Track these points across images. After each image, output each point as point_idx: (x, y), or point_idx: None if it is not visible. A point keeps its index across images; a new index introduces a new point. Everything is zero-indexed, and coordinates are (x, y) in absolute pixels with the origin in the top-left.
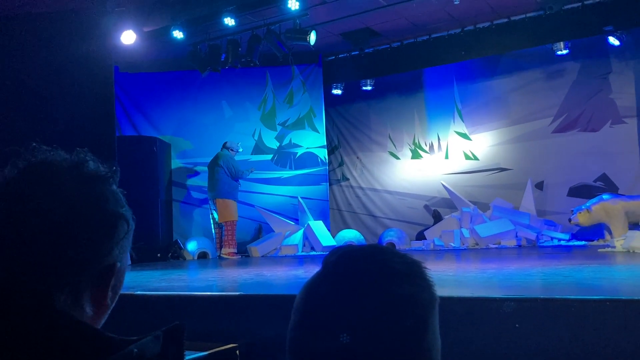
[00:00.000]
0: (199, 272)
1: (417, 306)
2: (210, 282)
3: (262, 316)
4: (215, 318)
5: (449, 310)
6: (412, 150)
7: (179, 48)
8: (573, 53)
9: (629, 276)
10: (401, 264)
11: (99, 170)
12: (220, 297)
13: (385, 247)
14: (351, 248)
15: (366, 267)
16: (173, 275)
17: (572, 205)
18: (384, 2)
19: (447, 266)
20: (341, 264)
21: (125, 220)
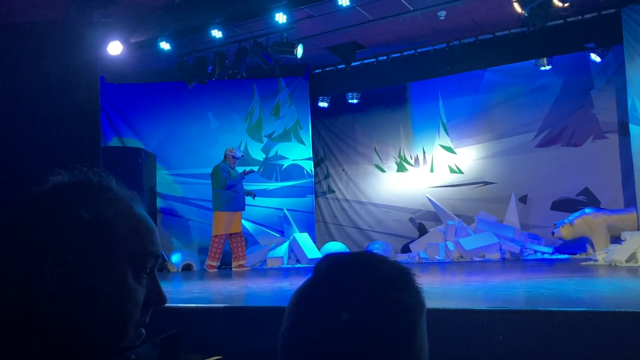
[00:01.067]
0: (183, 284)
1: (405, 311)
2: (194, 294)
3: (247, 328)
4: (200, 330)
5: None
6: (397, 163)
7: (166, 59)
8: (556, 69)
9: (611, 289)
10: (390, 270)
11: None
12: (205, 308)
13: (375, 254)
14: (342, 254)
15: (356, 273)
16: None
17: (555, 219)
18: (370, 17)
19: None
20: (332, 270)
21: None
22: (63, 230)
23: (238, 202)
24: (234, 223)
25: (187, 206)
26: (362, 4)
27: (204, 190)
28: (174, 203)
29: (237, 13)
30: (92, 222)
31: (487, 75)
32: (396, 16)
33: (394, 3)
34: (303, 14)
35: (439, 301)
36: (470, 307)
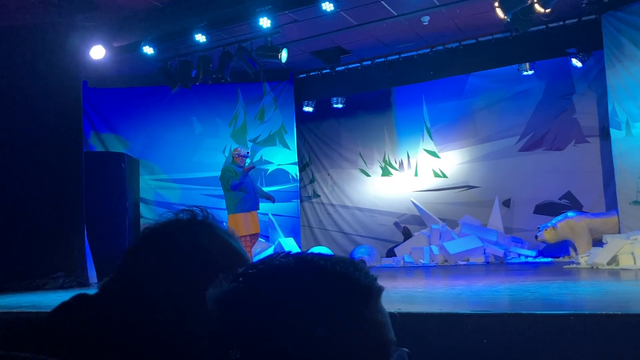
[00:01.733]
0: None
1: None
2: None
3: None
4: None
5: (418, 326)
6: (382, 167)
7: (149, 64)
8: (538, 74)
9: (593, 291)
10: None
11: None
12: None
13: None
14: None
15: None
16: None
17: (539, 222)
18: (355, 22)
19: (417, 283)
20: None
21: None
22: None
23: (250, 202)
24: (253, 223)
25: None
26: (346, 9)
27: (188, 195)
28: (157, 209)
29: (221, 17)
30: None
31: (470, 80)
32: (380, 21)
33: (378, 8)
34: (287, 18)
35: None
36: (454, 311)
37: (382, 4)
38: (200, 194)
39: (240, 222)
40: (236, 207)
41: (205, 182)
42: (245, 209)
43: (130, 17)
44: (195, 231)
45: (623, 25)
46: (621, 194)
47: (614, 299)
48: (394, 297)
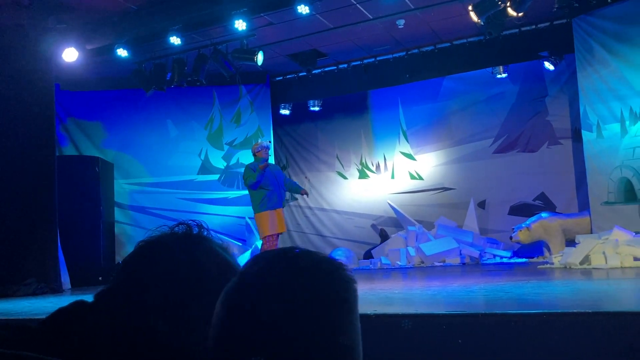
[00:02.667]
0: None
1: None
2: None
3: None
4: None
5: (394, 327)
6: (359, 170)
7: (124, 66)
8: (512, 77)
9: (565, 291)
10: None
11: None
12: None
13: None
14: (266, 252)
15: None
16: None
17: (513, 223)
18: (330, 25)
19: (394, 284)
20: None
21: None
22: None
23: (274, 200)
24: (279, 222)
25: (147, 216)
26: (322, 12)
27: (163, 200)
28: (132, 213)
29: (196, 20)
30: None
31: (445, 83)
32: (356, 24)
33: (354, 11)
34: (263, 21)
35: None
36: (429, 312)
37: (357, 8)
38: (176, 198)
39: (265, 221)
40: (260, 206)
41: (181, 185)
42: (269, 207)
43: (104, 19)
44: (191, 245)
45: (593, 29)
46: (593, 195)
47: (586, 297)
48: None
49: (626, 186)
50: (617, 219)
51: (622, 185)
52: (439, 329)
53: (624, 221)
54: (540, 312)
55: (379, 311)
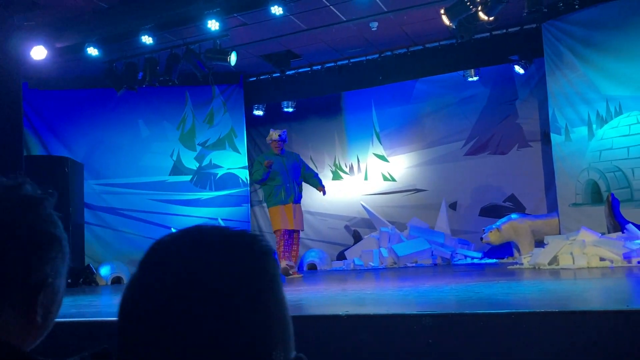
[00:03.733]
0: (113, 297)
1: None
2: None
3: None
4: None
5: (365, 327)
6: (333, 171)
7: (94, 65)
8: (483, 80)
9: (534, 290)
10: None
11: (35, 193)
12: None
13: (207, 224)
14: (167, 235)
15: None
16: (84, 301)
17: (484, 224)
18: (304, 26)
19: (366, 285)
20: (153, 249)
21: (57, 240)
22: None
23: (280, 195)
24: (289, 218)
25: (117, 217)
26: (296, 13)
27: (135, 201)
28: (102, 214)
29: (168, 19)
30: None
31: (417, 86)
32: (329, 26)
33: (327, 13)
34: (236, 21)
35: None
36: (401, 312)
37: (331, 9)
38: (148, 199)
39: (274, 216)
40: (269, 200)
41: (152, 186)
42: (277, 202)
43: (74, 17)
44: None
45: (562, 34)
46: (561, 197)
47: (554, 297)
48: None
49: (593, 188)
50: (584, 220)
51: (589, 187)
52: (410, 329)
53: (590, 222)
54: (509, 311)
55: (350, 312)
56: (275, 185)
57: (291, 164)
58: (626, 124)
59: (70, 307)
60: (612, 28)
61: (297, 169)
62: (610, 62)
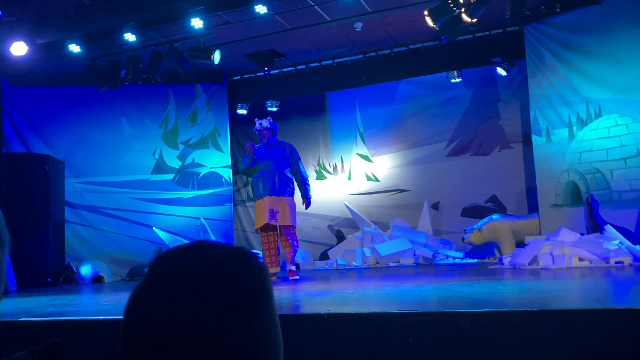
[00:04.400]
0: (93, 296)
1: (240, 295)
2: (104, 307)
3: None
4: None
5: (347, 326)
6: (316, 171)
7: (76, 62)
8: (466, 82)
9: (514, 290)
10: (220, 253)
11: None
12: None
13: (208, 241)
14: (174, 248)
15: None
16: (64, 300)
17: (466, 224)
18: (288, 26)
19: (349, 284)
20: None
21: None
22: None
23: (259, 187)
24: (262, 213)
25: (99, 215)
26: (280, 12)
27: (116, 199)
28: (83, 212)
29: (151, 17)
30: None
31: (401, 87)
32: (314, 26)
33: (312, 13)
34: (220, 20)
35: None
36: (382, 311)
37: (315, 9)
38: (129, 198)
39: (257, 211)
40: (253, 193)
41: (134, 185)
42: (256, 196)
43: (55, 14)
44: None
45: (543, 37)
46: (542, 198)
47: (533, 296)
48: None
49: (573, 189)
50: (564, 220)
51: (569, 188)
52: (391, 327)
53: (570, 223)
54: (489, 310)
55: (332, 310)
56: (254, 177)
57: (277, 154)
58: (605, 127)
59: (49, 306)
60: (592, 32)
61: (283, 159)
62: (590, 65)
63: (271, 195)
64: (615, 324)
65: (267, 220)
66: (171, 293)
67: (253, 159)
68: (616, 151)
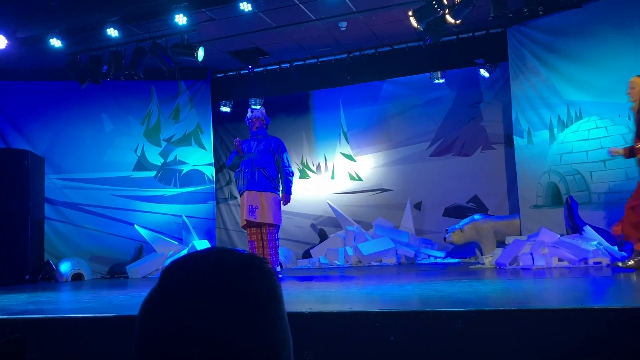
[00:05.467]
0: (73, 294)
1: (255, 300)
2: (84, 304)
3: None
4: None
5: (328, 325)
6: (300, 170)
7: (57, 57)
8: (449, 82)
9: (494, 289)
10: (233, 260)
11: None
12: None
13: (220, 247)
14: (186, 255)
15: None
16: (42, 297)
17: (447, 224)
18: (273, 24)
19: (331, 283)
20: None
21: None
22: None
23: (239, 182)
24: (244, 209)
25: (79, 212)
26: (265, 10)
27: (97, 196)
28: (63, 209)
29: (134, 12)
30: None
31: (385, 87)
32: (298, 24)
33: (297, 11)
34: (204, 16)
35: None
36: (364, 310)
37: (300, 7)
38: (111, 195)
39: (241, 208)
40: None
41: (115, 182)
42: (238, 191)
43: (37, 7)
44: None
45: (526, 39)
46: (523, 199)
47: (513, 296)
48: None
49: (553, 190)
50: (544, 221)
51: (550, 189)
52: (372, 326)
53: (550, 224)
54: (470, 309)
55: (314, 309)
56: (236, 172)
57: (262, 148)
58: (586, 129)
59: (27, 304)
60: (574, 35)
61: (267, 153)
62: (571, 68)
63: (250, 190)
64: (593, 323)
65: (246, 216)
66: (185, 300)
67: (238, 155)
68: (596, 153)
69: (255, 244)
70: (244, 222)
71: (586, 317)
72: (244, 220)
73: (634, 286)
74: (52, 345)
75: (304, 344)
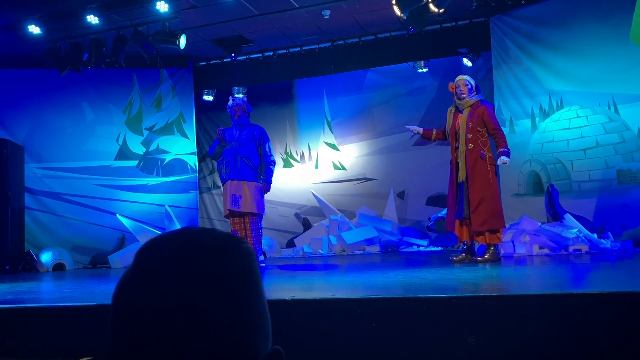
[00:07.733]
0: (54, 283)
1: (231, 281)
2: (65, 294)
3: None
4: (71, 330)
5: (311, 312)
6: (284, 159)
7: (36, 45)
8: (432, 72)
9: (475, 277)
10: (210, 239)
11: None
12: (76, 308)
13: (196, 227)
14: (162, 235)
15: (173, 249)
16: (23, 287)
17: (430, 213)
18: (256, 12)
19: (314, 272)
20: (147, 251)
21: None
22: None
23: (222, 171)
24: (227, 199)
25: (60, 202)
26: None
27: (78, 185)
28: (44, 199)
29: None
30: None
31: (369, 76)
32: (282, 12)
33: None
34: (186, 4)
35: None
36: (346, 297)
37: None
38: (92, 184)
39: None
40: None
41: (97, 171)
42: (221, 180)
43: None
44: None
45: (508, 28)
46: (504, 187)
47: (494, 282)
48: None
49: (534, 179)
50: (526, 210)
51: (531, 178)
52: (354, 312)
53: (532, 212)
54: (451, 295)
55: (297, 297)
56: (219, 161)
57: (244, 137)
58: (567, 118)
59: (7, 294)
60: (556, 25)
61: (250, 142)
62: (553, 58)
63: (232, 180)
64: (572, 308)
65: (230, 206)
66: (160, 280)
67: (222, 145)
68: (576, 142)
69: (238, 234)
70: (226, 212)
71: (565, 302)
72: (226, 210)
73: (611, 272)
74: (33, 335)
75: (286, 332)
